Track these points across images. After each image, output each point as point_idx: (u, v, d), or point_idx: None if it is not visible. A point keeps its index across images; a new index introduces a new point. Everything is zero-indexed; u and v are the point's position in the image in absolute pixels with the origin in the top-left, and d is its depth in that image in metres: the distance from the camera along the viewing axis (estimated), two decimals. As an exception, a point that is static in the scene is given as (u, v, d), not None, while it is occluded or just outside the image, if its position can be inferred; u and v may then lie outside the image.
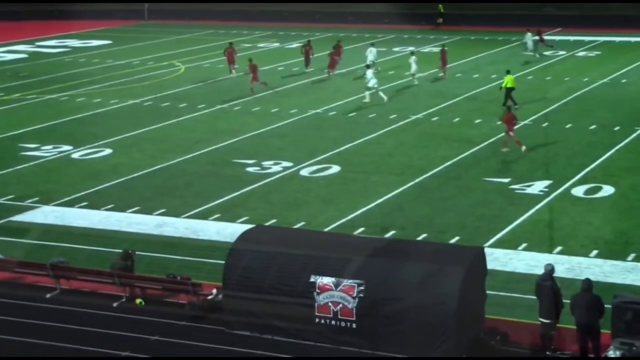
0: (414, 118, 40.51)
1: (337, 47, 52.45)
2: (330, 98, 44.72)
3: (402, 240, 23.26)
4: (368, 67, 45.16)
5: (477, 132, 37.41)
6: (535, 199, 28.74)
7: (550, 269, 19.09)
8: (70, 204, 29.38)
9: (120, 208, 28.80)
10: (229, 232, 25.75)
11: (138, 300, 21.78)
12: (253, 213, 27.95)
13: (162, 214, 28.19)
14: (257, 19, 77.11)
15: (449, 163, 33.10)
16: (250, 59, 47.86)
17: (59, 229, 27.17)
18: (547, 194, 29.21)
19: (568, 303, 18.78)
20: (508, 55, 57.32)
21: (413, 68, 48.01)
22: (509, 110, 35.03)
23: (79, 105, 44.65)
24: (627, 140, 35.81)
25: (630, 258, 23.87)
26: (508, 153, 34.03)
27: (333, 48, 52.15)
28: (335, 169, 32.64)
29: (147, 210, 28.53)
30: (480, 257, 19.76)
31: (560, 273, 21.64)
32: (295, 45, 61.29)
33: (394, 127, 39.00)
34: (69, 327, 20.45)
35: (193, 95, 46.34)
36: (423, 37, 65.99)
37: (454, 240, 25.23)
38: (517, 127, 36.43)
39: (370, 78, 43.58)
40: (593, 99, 43.95)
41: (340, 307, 18.91)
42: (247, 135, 37.94)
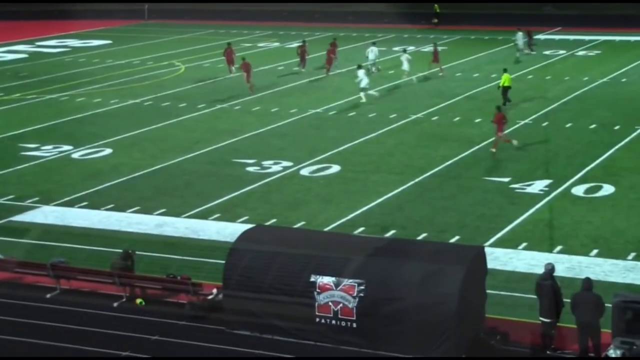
0: (414, 117, 40.50)
1: (332, 45, 52.60)
2: (330, 98, 44.72)
3: (402, 240, 23.24)
4: (359, 67, 45.12)
5: (477, 131, 37.40)
6: (536, 198, 28.73)
7: (551, 268, 19.07)
8: (71, 204, 29.38)
9: (121, 208, 28.80)
10: (229, 231, 25.74)
11: (138, 300, 21.77)
12: (253, 213, 27.94)
13: (162, 214, 28.19)
14: (257, 19, 77.13)
15: (449, 162, 33.09)
16: (244, 58, 48.14)
17: (59, 229, 27.16)
18: (547, 193, 29.20)
19: (568, 302, 18.76)
20: (508, 55, 57.26)
21: (405, 66, 48.34)
22: (499, 110, 34.96)
23: (79, 105, 44.65)
24: (627, 140, 35.80)
25: (631, 257, 23.86)
26: (507, 152, 34.02)
27: (330, 46, 52.27)
28: (336, 169, 32.64)
29: (147, 210, 28.53)
30: (481, 256, 19.74)
31: (561, 272, 21.65)
32: (295, 45, 61.24)
33: (394, 126, 39.00)
34: (69, 327, 20.45)
35: (193, 95, 46.34)
36: (423, 36, 65.96)
37: (454, 240, 25.22)
38: (518, 126, 36.54)
39: (362, 78, 43.62)
40: (593, 98, 43.94)
41: (341, 306, 18.90)
42: (247, 135, 37.93)
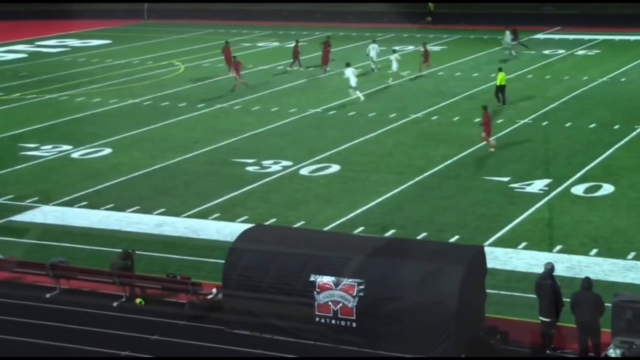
0: (414, 117, 40.50)
1: (325, 43, 52.69)
2: (330, 97, 44.69)
3: (401, 240, 23.22)
4: (348, 65, 45.13)
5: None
6: (535, 198, 28.73)
7: (550, 268, 19.07)
8: (70, 204, 29.37)
9: (120, 208, 28.79)
10: (229, 231, 25.74)
11: (138, 300, 21.77)
12: (253, 212, 27.94)
13: (161, 214, 28.19)
14: (256, 18, 77.13)
15: (449, 162, 33.09)
16: (234, 57, 48.36)
17: (59, 229, 27.16)
18: (546, 193, 29.20)
19: (568, 302, 18.77)
20: (508, 54, 57.23)
21: (394, 66, 48.50)
22: (486, 110, 34.98)
23: (79, 105, 44.64)
24: (626, 139, 35.79)
25: (630, 257, 23.86)
26: (507, 151, 34.06)
27: (328, 45, 52.32)
28: (335, 168, 32.63)
29: (146, 210, 28.53)
30: (480, 256, 19.74)
31: (560, 272, 21.66)
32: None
33: (394, 126, 38.99)
34: (69, 326, 20.45)
35: (193, 95, 46.33)
36: (423, 35, 65.92)
37: (454, 239, 25.21)
38: (517, 125, 36.59)
39: (349, 76, 43.66)
40: (593, 98, 43.93)
41: (340, 306, 18.89)
42: (246, 135, 37.92)
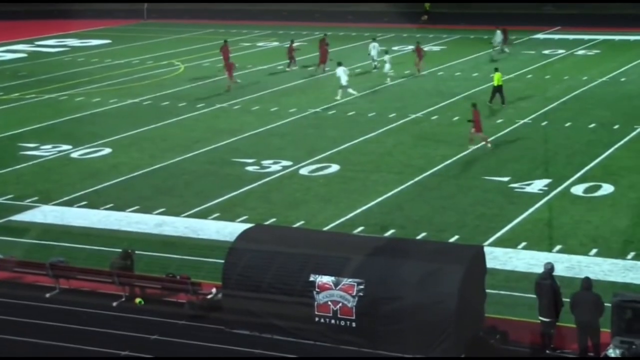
0: (414, 117, 40.50)
1: (322, 41, 52.76)
2: (330, 97, 44.65)
3: (401, 239, 23.22)
4: (340, 64, 45.19)
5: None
6: (535, 198, 28.73)
7: (550, 268, 19.07)
8: (70, 204, 29.37)
9: (120, 207, 28.79)
10: (229, 231, 25.74)
11: (137, 300, 21.77)
12: (252, 212, 27.93)
13: (161, 213, 28.19)
14: (256, 18, 77.11)
15: (449, 162, 33.08)
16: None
17: (59, 229, 27.16)
18: (546, 193, 29.20)
19: (568, 302, 18.77)
20: (507, 54, 57.28)
21: (387, 67, 48.68)
22: (475, 107, 35.02)
23: (78, 105, 44.64)
24: (626, 139, 35.79)
25: (630, 256, 23.86)
26: (506, 151, 34.08)
27: (325, 44, 52.37)
28: (335, 168, 32.63)
29: (146, 210, 28.52)
30: (480, 256, 19.74)
31: (560, 272, 21.65)
32: (296, 44, 61.22)
33: (393, 126, 38.99)
34: (69, 326, 20.45)
35: (192, 95, 46.33)
36: (422, 35, 65.90)
37: (454, 239, 25.20)
38: (517, 125, 36.55)
39: (341, 75, 43.70)
40: (592, 98, 43.93)
41: (340, 306, 18.89)
42: (246, 135, 37.92)
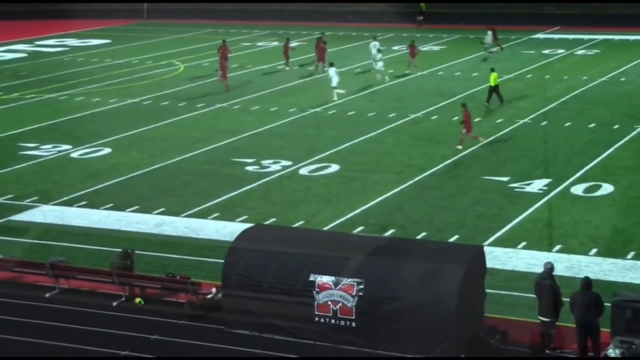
0: (413, 117, 40.49)
1: (319, 40, 52.87)
2: (329, 97, 44.62)
3: (401, 239, 23.22)
4: (331, 65, 45.24)
5: (476, 130, 37.27)
6: (535, 198, 28.73)
7: (550, 268, 19.07)
8: (70, 203, 29.37)
9: (120, 207, 28.79)
10: (228, 231, 25.74)
11: (137, 300, 21.77)
12: (252, 212, 27.93)
13: (161, 213, 28.19)
14: (256, 18, 77.09)
15: (448, 162, 33.09)
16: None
17: (58, 229, 27.16)
18: (546, 193, 29.19)
19: (567, 301, 18.77)
20: (508, 54, 57.28)
21: (379, 65, 48.64)
22: (465, 108, 35.05)
23: (78, 105, 44.63)
24: (626, 139, 35.78)
25: (630, 256, 23.86)
26: (506, 151, 34.10)
27: (323, 42, 52.42)
28: (335, 168, 32.63)
29: (146, 210, 28.52)
30: (480, 255, 19.74)
31: (560, 271, 21.65)
32: (295, 44, 61.24)
33: (393, 125, 38.99)
34: (69, 326, 20.45)
35: (192, 94, 46.33)
36: (422, 35, 65.92)
37: (454, 239, 25.20)
38: (517, 125, 36.52)
39: (333, 76, 43.75)
40: (592, 98, 43.92)
41: (340, 305, 18.89)
42: (246, 134, 37.92)
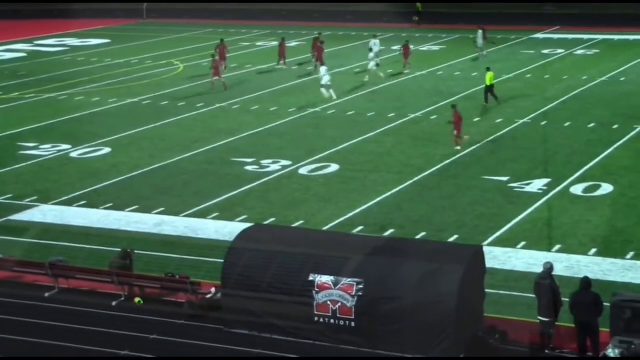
0: (413, 117, 40.49)
1: (317, 39, 52.97)
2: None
3: (401, 239, 23.19)
4: (322, 63, 45.24)
5: (475, 130, 37.37)
6: (534, 198, 28.72)
7: (549, 268, 19.07)
8: (69, 203, 29.36)
9: (119, 207, 28.78)
10: (228, 230, 25.74)
11: (137, 299, 21.77)
12: (252, 212, 27.93)
13: (160, 213, 28.18)
14: (255, 18, 77.11)
15: (448, 162, 33.08)
16: (213, 55, 48.56)
17: (58, 228, 27.15)
18: (546, 193, 29.19)
19: (567, 301, 18.77)
20: (507, 54, 57.33)
21: (371, 65, 48.72)
22: (455, 109, 35.08)
23: (78, 104, 44.63)
24: (626, 139, 35.78)
25: (629, 256, 23.85)
26: (506, 151, 34.10)
27: (321, 42, 52.45)
28: (334, 168, 32.62)
29: (145, 209, 28.52)
30: (479, 255, 19.73)
31: (559, 271, 21.65)
32: (295, 44, 61.29)
33: (393, 125, 38.98)
34: (68, 326, 20.44)
35: (192, 94, 46.32)
36: (421, 35, 65.94)
37: (453, 239, 25.19)
38: (516, 125, 36.48)
39: (324, 75, 43.84)
40: (592, 98, 43.91)
41: (339, 305, 18.89)
42: (245, 134, 37.92)
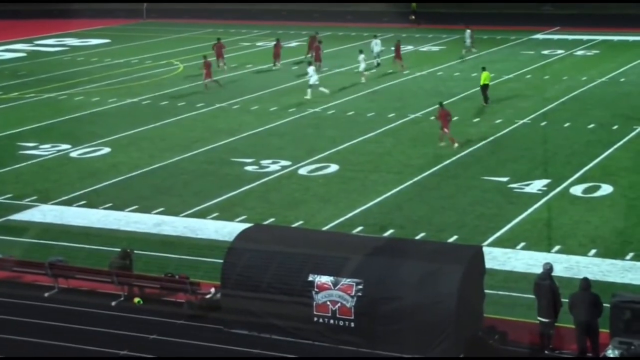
0: (413, 117, 40.49)
1: (313, 38, 52.90)
2: (329, 97, 44.65)
3: (400, 239, 23.20)
4: (310, 63, 45.31)
5: (475, 130, 37.40)
6: (534, 198, 28.72)
7: (549, 268, 19.07)
8: (69, 203, 29.36)
9: (119, 207, 28.78)
10: (227, 231, 25.74)
11: (136, 299, 21.76)
12: (251, 212, 27.93)
13: (160, 213, 28.18)
14: (255, 18, 77.13)
15: (448, 162, 33.08)
16: (205, 56, 48.61)
17: (58, 228, 27.15)
18: (545, 193, 29.19)
19: (567, 302, 18.77)
20: (507, 54, 57.34)
21: (361, 67, 48.74)
22: (442, 107, 35.15)
23: (78, 104, 44.63)
24: (625, 139, 35.77)
25: (629, 257, 23.85)
26: (506, 151, 34.09)
27: (317, 41, 52.44)
28: (334, 168, 32.62)
29: (145, 209, 28.52)
30: (479, 256, 19.72)
31: (559, 272, 21.65)
32: (295, 44, 61.31)
33: (393, 126, 38.99)
34: (67, 326, 20.43)
35: (191, 94, 46.32)
36: (421, 36, 65.96)
37: (453, 239, 25.19)
38: (516, 125, 36.43)
39: (312, 75, 43.89)
40: (591, 98, 43.92)
41: (339, 306, 18.88)
42: (245, 134, 37.92)
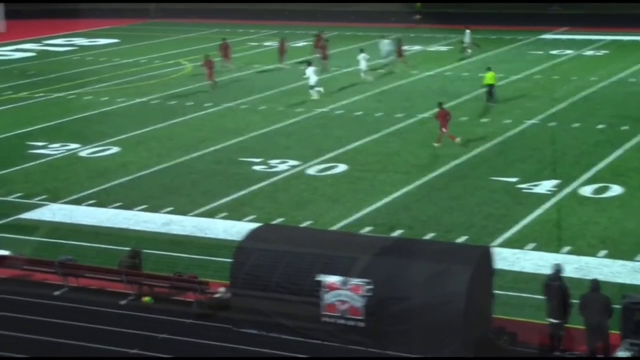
0: (421, 117, 40.46)
1: (318, 38, 52.83)
2: (337, 96, 44.66)
3: (409, 240, 23.23)
4: (309, 64, 45.32)
5: (483, 130, 37.36)
6: (543, 199, 28.67)
7: (559, 269, 19.05)
8: (78, 202, 29.43)
9: (128, 206, 28.83)
10: (236, 230, 25.76)
11: (145, 298, 21.80)
12: (260, 212, 27.95)
13: (169, 212, 28.22)
14: (263, 18, 77.13)
15: (456, 162, 33.04)
16: (207, 56, 48.39)
17: (67, 227, 27.21)
18: (554, 194, 29.14)
19: (577, 303, 18.73)
20: (515, 54, 57.23)
21: (363, 65, 48.71)
22: (441, 107, 35.12)
23: (87, 104, 44.72)
24: (635, 140, 35.66)
25: (639, 258, 23.80)
26: (514, 151, 34.04)
27: (324, 40, 52.40)
28: (342, 168, 32.62)
29: (154, 209, 28.56)
30: (488, 256, 19.70)
31: (569, 273, 21.59)
32: (302, 44, 61.28)
33: (401, 126, 38.96)
34: (77, 324, 20.49)
35: (200, 94, 46.37)
36: (430, 36, 65.90)
37: (461, 240, 25.18)
38: (525, 126, 36.34)
39: (311, 75, 43.85)
40: (601, 98, 43.81)
41: (348, 306, 18.89)
42: (253, 134, 37.94)
